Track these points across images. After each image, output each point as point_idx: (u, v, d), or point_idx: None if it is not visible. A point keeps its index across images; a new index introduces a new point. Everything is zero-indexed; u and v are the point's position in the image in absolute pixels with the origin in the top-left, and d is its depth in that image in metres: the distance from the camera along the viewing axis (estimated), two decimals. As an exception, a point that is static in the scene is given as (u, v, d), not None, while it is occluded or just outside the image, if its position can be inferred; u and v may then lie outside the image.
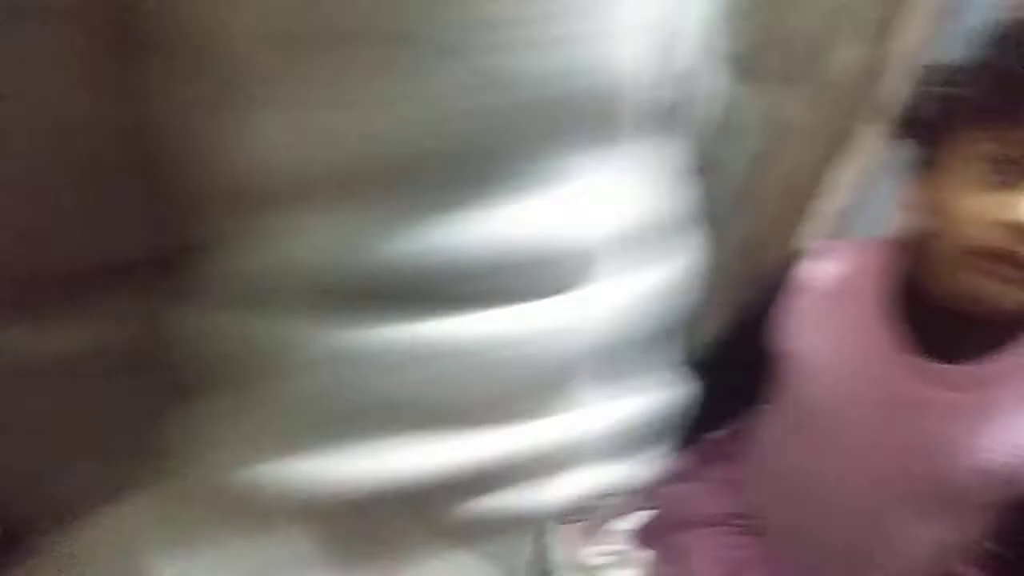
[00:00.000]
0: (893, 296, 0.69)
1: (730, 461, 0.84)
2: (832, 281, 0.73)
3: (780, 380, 0.76)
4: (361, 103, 0.19)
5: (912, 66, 0.91)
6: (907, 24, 1.01)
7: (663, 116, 0.25)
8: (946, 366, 0.66)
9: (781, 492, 0.78)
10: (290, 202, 0.21)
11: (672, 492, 0.88)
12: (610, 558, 1.28)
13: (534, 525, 0.26)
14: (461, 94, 0.19)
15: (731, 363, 0.80)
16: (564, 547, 0.35)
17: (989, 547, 0.70)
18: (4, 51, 0.20)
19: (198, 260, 0.23)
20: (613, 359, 0.24)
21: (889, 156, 0.91)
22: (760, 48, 1.29)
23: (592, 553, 1.24)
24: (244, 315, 0.22)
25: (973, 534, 0.70)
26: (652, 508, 0.92)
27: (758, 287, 0.80)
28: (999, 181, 0.59)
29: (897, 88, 1.00)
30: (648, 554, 0.91)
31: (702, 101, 0.29)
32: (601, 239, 0.23)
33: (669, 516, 0.88)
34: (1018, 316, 0.64)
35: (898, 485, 0.69)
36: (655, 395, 0.27)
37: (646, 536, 0.92)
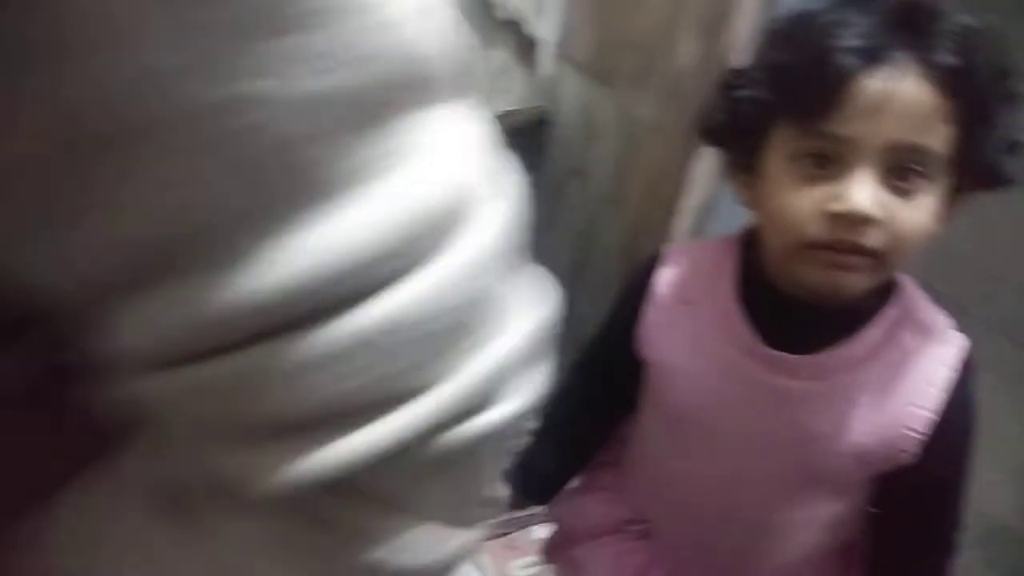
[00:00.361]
0: (746, 292, 0.69)
1: (617, 468, 0.83)
2: (684, 284, 0.73)
3: (648, 386, 0.75)
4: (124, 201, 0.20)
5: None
6: (739, 18, 1.07)
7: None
8: (806, 356, 0.65)
9: (666, 496, 0.78)
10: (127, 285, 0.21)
11: (565, 505, 0.87)
12: (532, 570, 1.28)
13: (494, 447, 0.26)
14: (227, 176, 0.20)
15: (607, 368, 0.80)
16: (489, 561, 0.34)
17: (870, 510, 0.72)
18: None
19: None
20: (511, 273, 0.26)
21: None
22: (608, 50, 1.34)
23: (516, 565, 1.24)
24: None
25: (857, 506, 0.71)
26: (551, 522, 0.91)
27: (620, 294, 0.80)
28: (818, 175, 0.59)
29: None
30: (554, 568, 0.90)
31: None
32: (466, 186, 0.24)
33: (566, 529, 0.87)
34: (869, 299, 0.64)
35: (776, 477, 0.69)
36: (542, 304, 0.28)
37: (548, 552, 0.91)
